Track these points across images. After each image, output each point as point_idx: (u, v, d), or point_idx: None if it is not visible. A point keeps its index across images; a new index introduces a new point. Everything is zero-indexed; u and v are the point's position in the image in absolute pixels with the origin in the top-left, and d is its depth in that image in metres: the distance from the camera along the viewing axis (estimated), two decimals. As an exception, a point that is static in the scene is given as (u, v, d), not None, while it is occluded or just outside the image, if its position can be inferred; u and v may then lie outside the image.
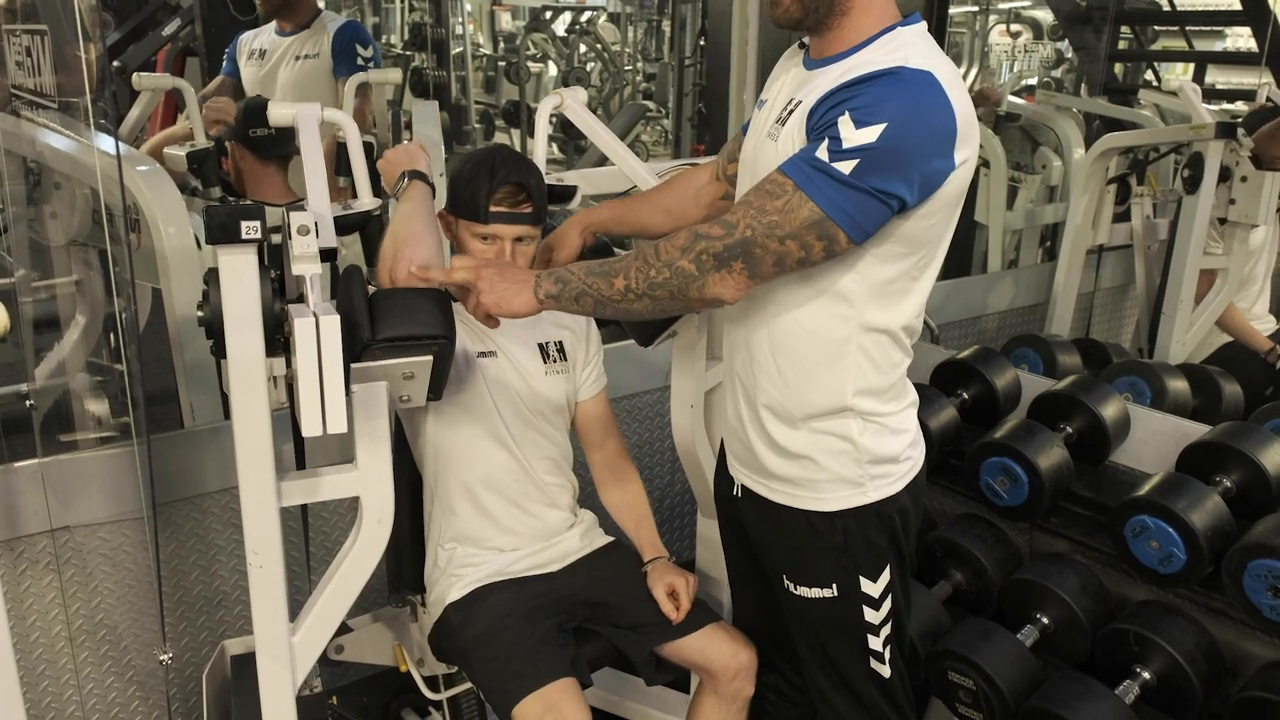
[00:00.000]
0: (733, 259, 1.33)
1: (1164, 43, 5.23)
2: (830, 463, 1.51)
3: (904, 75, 1.28)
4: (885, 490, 1.52)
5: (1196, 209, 3.02)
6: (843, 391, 1.47)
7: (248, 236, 1.32)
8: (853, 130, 1.26)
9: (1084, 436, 2.29)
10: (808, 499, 1.54)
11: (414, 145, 1.72)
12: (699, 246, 1.35)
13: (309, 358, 1.29)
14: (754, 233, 1.32)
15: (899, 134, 1.25)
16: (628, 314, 1.45)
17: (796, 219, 1.30)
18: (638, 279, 1.39)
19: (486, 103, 7.67)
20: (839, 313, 1.43)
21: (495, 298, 1.47)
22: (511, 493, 1.84)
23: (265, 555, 1.48)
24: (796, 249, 1.32)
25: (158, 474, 2.13)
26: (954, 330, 3.41)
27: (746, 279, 1.35)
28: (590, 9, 8.45)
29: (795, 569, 1.59)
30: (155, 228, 2.19)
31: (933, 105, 1.28)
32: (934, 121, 1.29)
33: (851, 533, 1.53)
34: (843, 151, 1.26)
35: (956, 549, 2.29)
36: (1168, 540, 1.95)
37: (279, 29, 3.12)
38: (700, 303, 1.40)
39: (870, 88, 1.28)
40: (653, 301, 1.39)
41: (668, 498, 2.85)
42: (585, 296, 1.44)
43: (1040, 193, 4.11)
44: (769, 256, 1.33)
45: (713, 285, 1.35)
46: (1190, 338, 3.10)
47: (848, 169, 1.26)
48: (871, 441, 1.50)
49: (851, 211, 1.29)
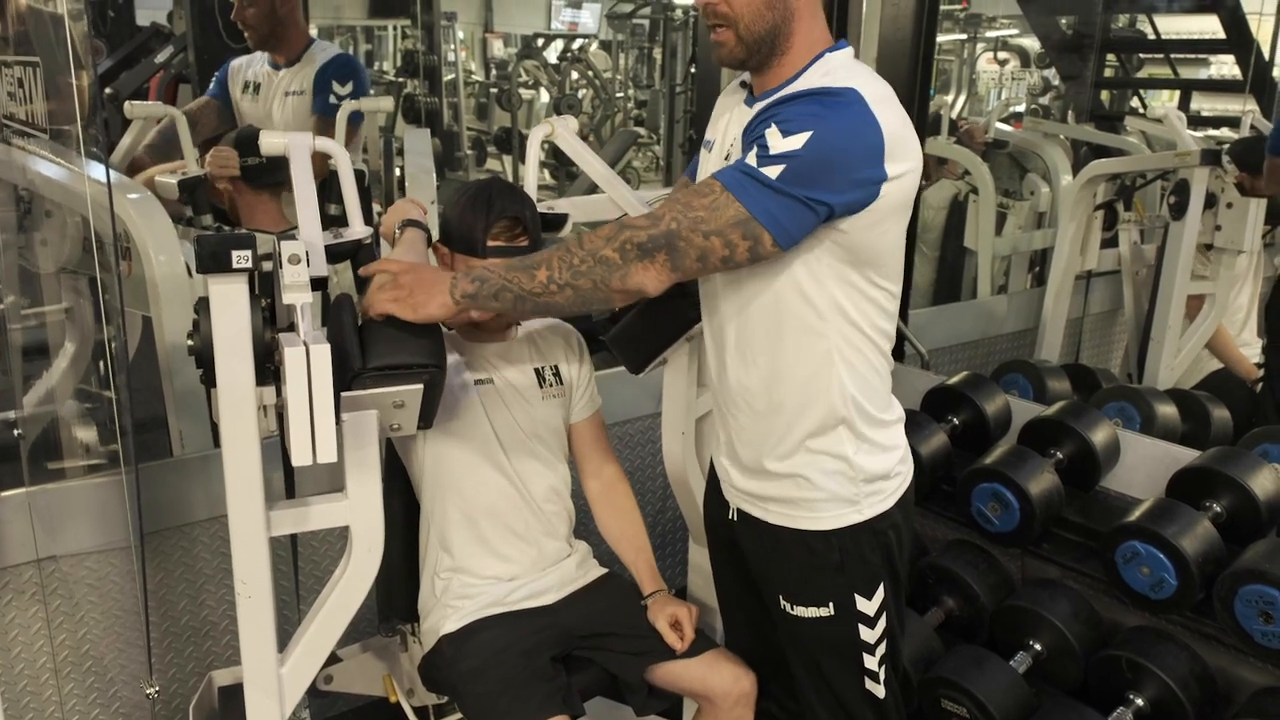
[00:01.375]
0: (656, 250, 1.35)
1: (1149, 70, 5.29)
2: (826, 482, 1.52)
3: (828, 91, 1.35)
4: (879, 507, 1.55)
5: (1183, 235, 3.04)
6: (833, 402, 1.49)
7: (238, 265, 1.32)
8: (779, 139, 1.30)
9: (1074, 462, 2.30)
10: (804, 519, 1.55)
11: (409, 201, 1.77)
12: (623, 236, 1.36)
13: (299, 386, 1.29)
14: (679, 225, 1.34)
15: (823, 141, 1.30)
16: (548, 307, 1.43)
17: (722, 217, 1.33)
18: (560, 268, 1.39)
19: (479, 129, 7.71)
20: (814, 327, 1.46)
21: (412, 302, 1.43)
22: (510, 520, 1.83)
23: (254, 585, 1.48)
24: (720, 246, 1.34)
25: (146, 503, 2.11)
26: (944, 356, 3.42)
27: (669, 271, 1.37)
28: (582, 37, 8.51)
29: (792, 589, 1.60)
30: (146, 255, 2.18)
31: (856, 117, 1.33)
32: (858, 132, 1.33)
33: (848, 551, 1.55)
34: (770, 157, 1.31)
35: (948, 575, 2.29)
36: (1159, 566, 1.95)
37: (271, 61, 3.10)
38: (622, 294, 1.40)
39: (796, 103, 1.34)
40: (575, 292, 1.39)
41: (659, 524, 2.84)
42: (505, 292, 1.42)
43: (1029, 219, 4.14)
44: (692, 250, 1.35)
45: (635, 274, 1.36)
46: (1179, 363, 3.12)
47: (774, 174, 1.30)
48: (865, 459, 1.52)
49: (776, 214, 1.32)
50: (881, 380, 1.54)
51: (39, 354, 2.55)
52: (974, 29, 5.75)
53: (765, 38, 1.42)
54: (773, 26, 1.42)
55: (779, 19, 1.42)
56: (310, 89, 3.02)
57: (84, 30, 1.87)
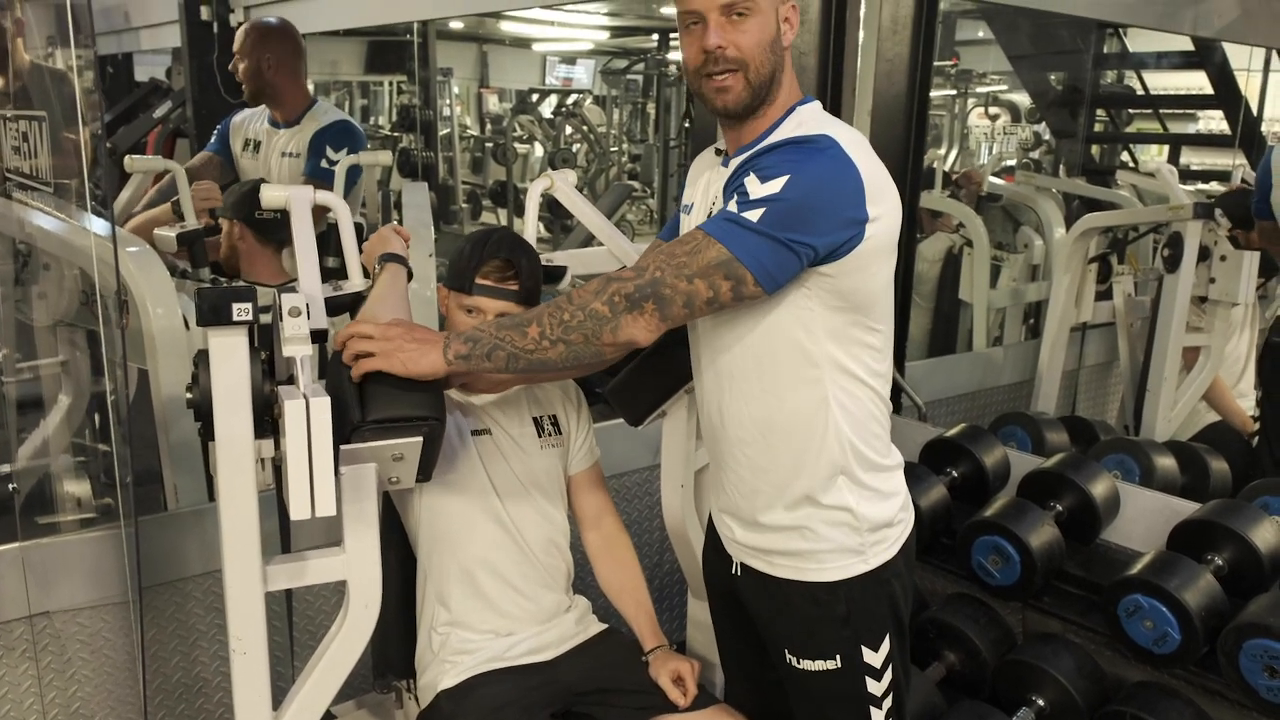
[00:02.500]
0: (644, 300, 1.37)
1: (1139, 125, 5.37)
2: (831, 533, 1.52)
3: (804, 139, 1.40)
4: (884, 555, 1.54)
5: (1177, 288, 3.06)
6: (831, 450, 1.49)
7: (238, 318, 1.32)
8: (758, 185, 1.34)
9: (1074, 515, 2.29)
10: (810, 571, 1.54)
11: (387, 229, 1.75)
12: (611, 289, 1.38)
13: (298, 440, 1.28)
14: (663, 274, 1.37)
15: (801, 184, 1.34)
16: (542, 364, 1.43)
17: (704, 259, 1.36)
18: (551, 324, 1.40)
19: (474, 183, 7.77)
20: (808, 375, 1.47)
21: (403, 357, 1.40)
22: (508, 573, 1.81)
23: (249, 641, 1.46)
24: (704, 288, 1.36)
25: (141, 557, 2.09)
26: (941, 408, 3.42)
27: (658, 320, 1.38)
28: (576, 92, 8.62)
29: (798, 643, 1.58)
30: (143, 308, 2.18)
31: (833, 161, 1.37)
32: (836, 175, 1.37)
33: (854, 601, 1.54)
34: (750, 202, 1.34)
35: (949, 629, 2.27)
36: (1162, 620, 1.94)
37: (271, 118, 3.12)
38: (614, 347, 1.40)
39: (773, 153, 1.38)
40: (566, 347, 1.40)
41: (657, 577, 2.81)
42: (498, 351, 1.42)
43: (1023, 271, 4.17)
44: (678, 296, 1.37)
45: (625, 326, 1.38)
46: (1175, 414, 3.12)
47: (755, 217, 1.34)
48: (868, 508, 1.52)
49: (758, 255, 1.35)
50: (880, 425, 1.55)
51: (33, 407, 2.54)
52: (965, 84, 5.84)
53: (768, 81, 1.46)
54: (773, 70, 1.46)
55: (777, 64, 1.47)
56: (305, 153, 3.03)
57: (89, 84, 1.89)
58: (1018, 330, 4.20)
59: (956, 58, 5.72)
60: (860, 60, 2.61)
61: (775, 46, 1.46)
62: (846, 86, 2.62)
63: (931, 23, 2.74)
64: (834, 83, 2.62)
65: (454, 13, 6.06)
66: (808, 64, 2.57)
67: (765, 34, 1.44)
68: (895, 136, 2.74)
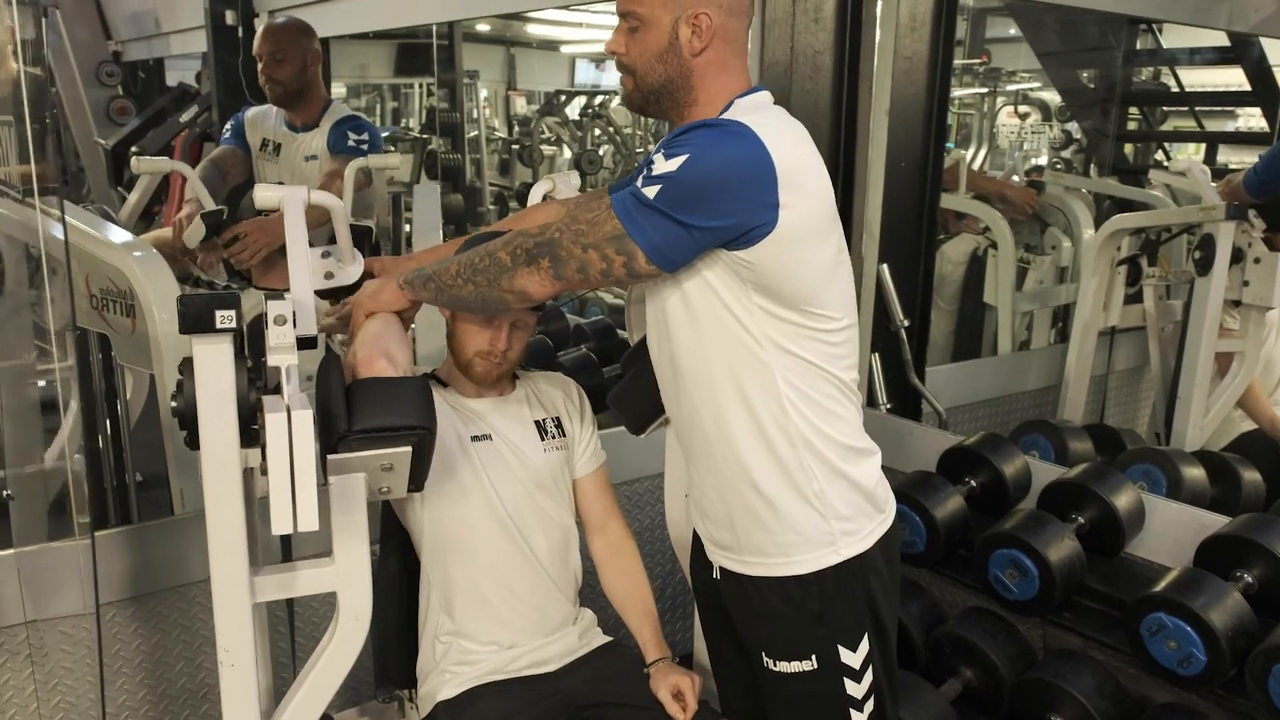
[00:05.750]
0: (540, 256, 1.42)
1: (1174, 123, 5.25)
2: (797, 524, 1.49)
3: (716, 122, 1.41)
4: (857, 547, 1.51)
5: (1209, 291, 2.97)
6: (789, 427, 1.46)
7: (222, 326, 1.30)
8: (662, 162, 1.35)
9: (1096, 527, 2.21)
10: (780, 564, 1.52)
11: None
12: (515, 241, 1.45)
13: (280, 453, 1.26)
14: (561, 235, 1.41)
15: (699, 164, 1.33)
16: (458, 300, 1.54)
17: (600, 231, 1.38)
18: (464, 266, 1.49)
19: (501, 185, 7.75)
20: (756, 355, 1.45)
21: (366, 294, 1.59)
22: (513, 582, 1.79)
23: (237, 653, 1.45)
24: (598, 259, 1.39)
25: (146, 561, 2.09)
26: (963, 414, 3.35)
27: (552, 278, 1.42)
28: (603, 93, 8.59)
29: (773, 644, 1.56)
30: (150, 313, 2.18)
31: (740, 145, 1.35)
32: (741, 159, 1.35)
33: (828, 597, 1.51)
34: (651, 178, 1.35)
35: (965, 645, 2.20)
36: (1186, 640, 1.86)
37: (289, 121, 3.11)
38: (513, 295, 1.46)
39: (686, 133, 1.38)
40: (475, 288, 1.48)
41: (669, 586, 2.77)
42: (430, 281, 1.53)
43: (1050, 273, 4.07)
44: (573, 261, 1.41)
45: (521, 278, 1.43)
46: (1208, 422, 3.03)
47: (652, 194, 1.35)
48: (834, 493, 1.49)
49: (649, 232, 1.36)
50: (844, 408, 1.51)
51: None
52: (994, 83, 5.75)
53: (659, 89, 1.49)
54: (666, 79, 1.48)
55: (673, 72, 1.47)
56: (324, 153, 3.03)
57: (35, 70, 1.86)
58: (1045, 334, 4.10)
59: (986, 55, 5.63)
60: (877, 59, 2.55)
61: (667, 56, 1.46)
62: (863, 86, 2.57)
63: (951, 19, 2.68)
64: (850, 82, 2.57)
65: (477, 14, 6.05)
66: (823, 63, 2.52)
67: (653, 45, 1.46)
68: (914, 137, 2.68)
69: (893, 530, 1.58)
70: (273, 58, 2.98)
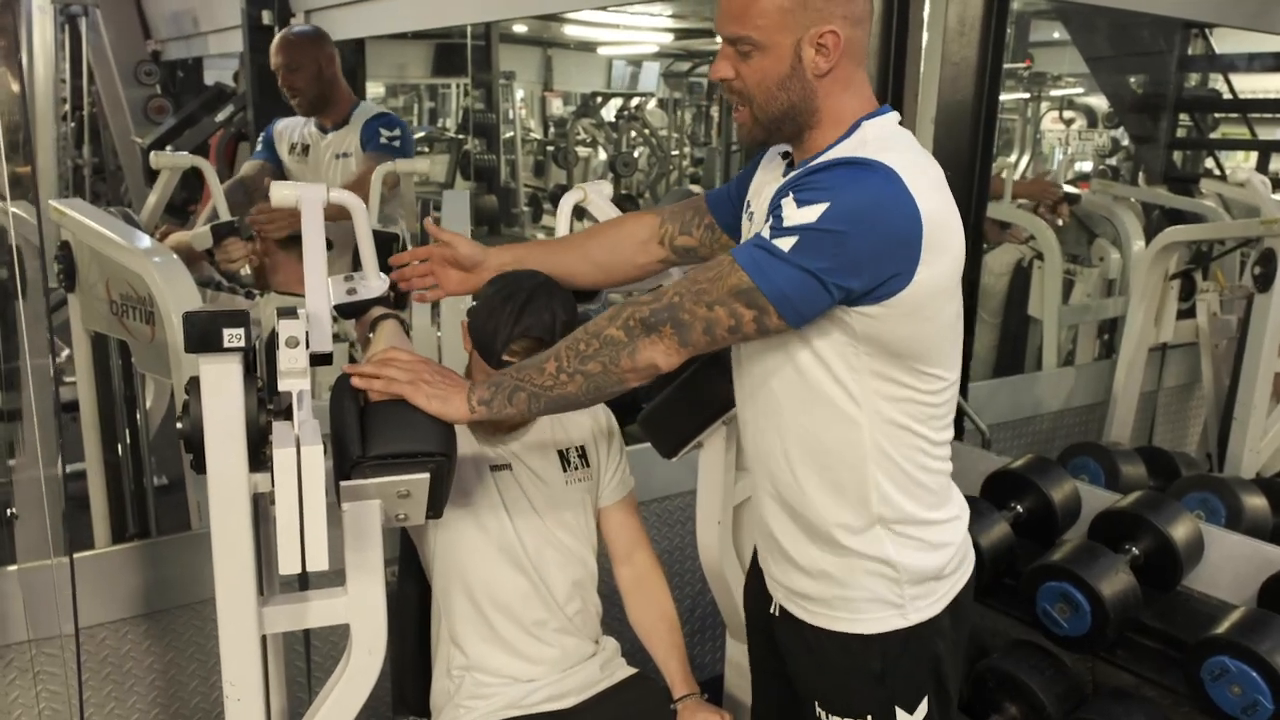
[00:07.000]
0: (660, 324, 1.30)
1: (1225, 130, 5.09)
2: (866, 581, 1.40)
3: (857, 162, 1.26)
4: (927, 612, 1.42)
5: (1269, 308, 2.85)
6: (868, 499, 1.37)
7: (230, 345, 1.23)
8: (794, 210, 1.23)
9: (1152, 559, 2.10)
10: (844, 620, 1.42)
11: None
12: (626, 313, 1.32)
13: (289, 490, 1.19)
14: (681, 298, 1.30)
15: (841, 216, 1.21)
16: (564, 400, 1.37)
17: (724, 286, 1.27)
18: (567, 357, 1.35)
19: (535, 186, 7.71)
20: (848, 413, 1.34)
21: (430, 392, 1.36)
22: (526, 619, 1.70)
23: (244, 688, 1.37)
24: (725, 316, 1.28)
25: (160, 578, 2.04)
26: (1006, 431, 3.24)
27: (677, 344, 1.31)
28: (639, 95, 8.53)
29: (829, 697, 1.47)
30: (169, 320, 2.12)
31: (885, 191, 1.23)
32: (886, 209, 1.22)
33: (890, 659, 1.42)
34: (783, 229, 1.23)
35: (1011, 680, 2.10)
36: (1252, 687, 1.75)
37: (319, 124, 3.13)
38: (634, 373, 1.33)
39: (820, 174, 1.25)
40: (585, 378, 1.34)
41: (699, 607, 2.68)
42: (518, 393, 1.37)
43: (1098, 286, 3.94)
44: (697, 323, 1.29)
45: (643, 350, 1.31)
46: (1265, 446, 2.90)
47: (786, 246, 1.23)
48: (910, 559, 1.39)
49: (783, 286, 1.24)
50: (932, 478, 1.40)
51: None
52: (1038, 88, 5.60)
53: (781, 117, 1.35)
54: (789, 106, 1.33)
55: (796, 98, 1.33)
56: (358, 148, 3.04)
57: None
58: (1091, 348, 3.97)
59: (1030, 60, 5.49)
60: (924, 64, 2.45)
61: (789, 83, 1.31)
62: (909, 92, 2.47)
63: (1002, 23, 2.57)
64: (895, 88, 2.48)
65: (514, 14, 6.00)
66: (868, 67, 2.42)
67: (773, 73, 1.31)
68: (961, 145, 2.58)
69: (966, 589, 1.48)
70: (287, 69, 3.02)
